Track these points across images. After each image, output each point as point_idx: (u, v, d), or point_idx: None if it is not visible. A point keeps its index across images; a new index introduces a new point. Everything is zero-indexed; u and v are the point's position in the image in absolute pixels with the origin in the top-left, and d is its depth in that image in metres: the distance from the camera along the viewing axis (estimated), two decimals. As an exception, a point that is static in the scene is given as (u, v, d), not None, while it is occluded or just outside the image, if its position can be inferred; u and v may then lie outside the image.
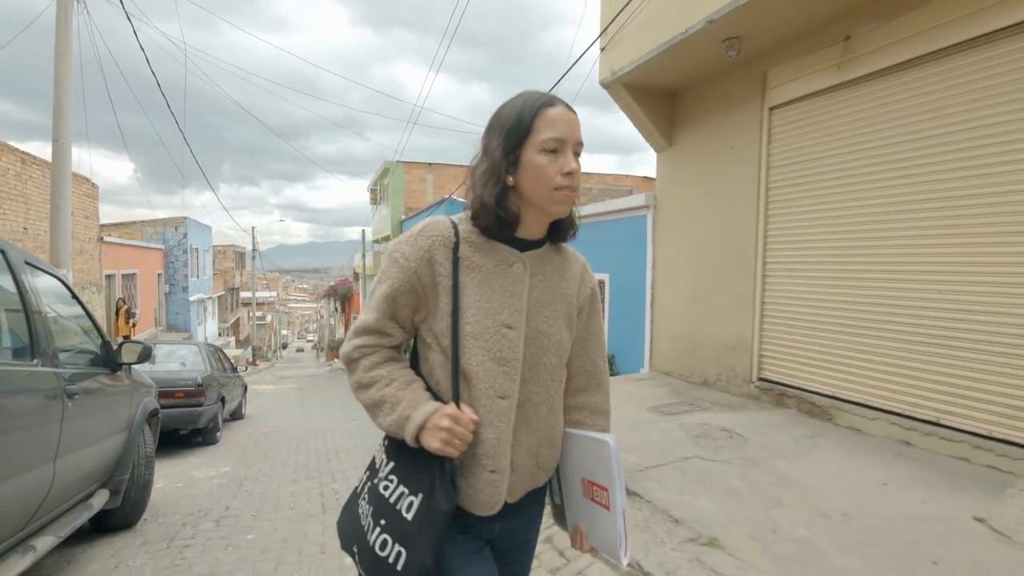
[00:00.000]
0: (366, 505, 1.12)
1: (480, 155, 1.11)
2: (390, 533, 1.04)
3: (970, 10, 3.17)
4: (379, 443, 1.18)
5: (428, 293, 1.09)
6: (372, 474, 1.16)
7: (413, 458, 1.07)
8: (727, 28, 4.18)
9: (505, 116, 1.08)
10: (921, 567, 2.20)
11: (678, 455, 3.53)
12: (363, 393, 1.12)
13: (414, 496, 1.04)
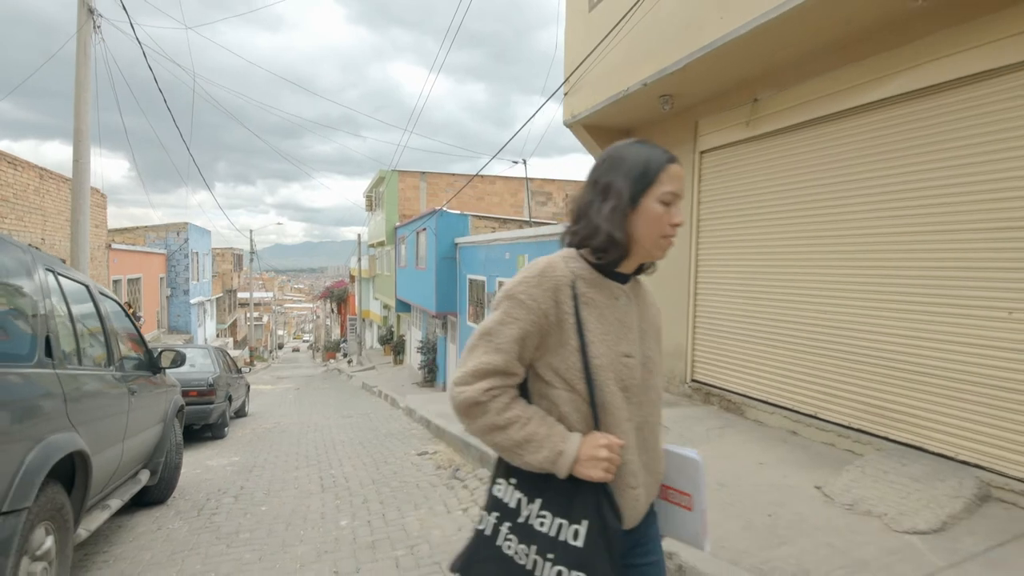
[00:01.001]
0: (518, 545, 1.13)
1: (597, 191, 1.21)
2: (564, 563, 1.08)
3: (835, 90, 4.03)
4: (497, 484, 1.22)
5: (552, 331, 1.15)
6: (506, 515, 1.17)
7: (564, 490, 1.13)
8: (659, 88, 5.02)
9: (632, 163, 1.19)
10: (758, 518, 3.04)
11: (610, 442, 4.37)
12: (499, 435, 1.12)
13: (578, 524, 1.10)
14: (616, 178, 1.19)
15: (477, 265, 12.46)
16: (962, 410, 3.36)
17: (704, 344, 5.51)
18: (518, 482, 1.18)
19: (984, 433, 3.25)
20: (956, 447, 3.38)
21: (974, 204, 3.29)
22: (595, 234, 1.20)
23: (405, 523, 3.87)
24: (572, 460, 1.10)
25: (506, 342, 1.14)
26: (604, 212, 1.19)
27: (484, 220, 14.41)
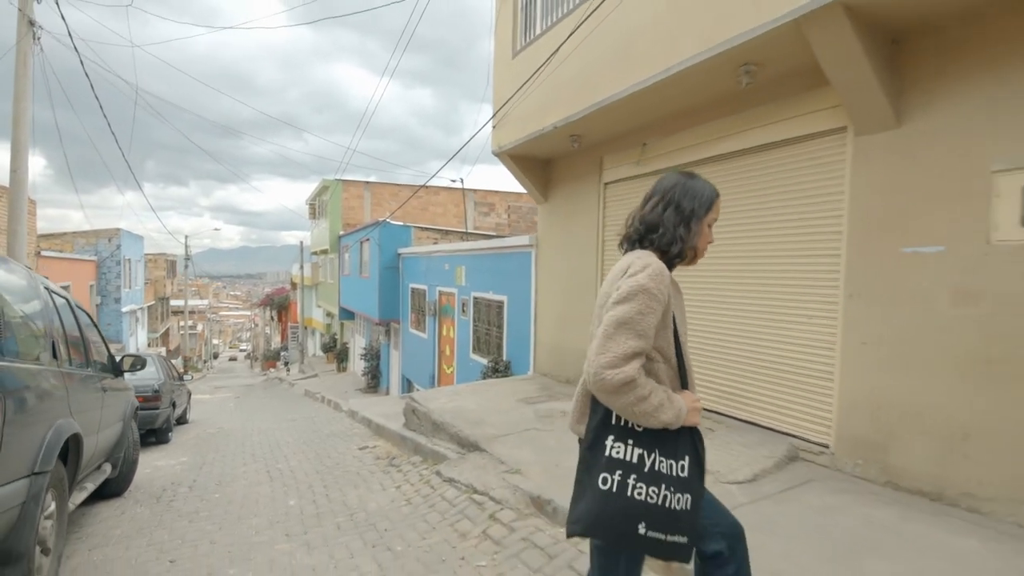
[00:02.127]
0: (649, 488, 1.46)
1: (673, 211, 1.61)
2: (674, 489, 1.47)
3: (697, 142, 5.06)
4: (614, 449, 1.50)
5: (663, 318, 1.51)
6: (630, 469, 1.47)
7: (669, 440, 1.50)
8: (567, 131, 5.95)
9: (699, 194, 1.63)
10: (625, 477, 3.94)
11: (523, 428, 5.21)
12: (643, 404, 1.41)
13: (683, 460, 1.51)
14: (690, 203, 1.62)
15: (419, 275, 13.12)
16: (781, 393, 4.40)
17: (608, 346, 6.46)
18: (635, 442, 1.49)
19: (795, 409, 4.29)
20: (777, 421, 4.42)
21: (788, 236, 4.35)
22: (674, 242, 1.61)
23: (346, 499, 4.55)
24: (685, 413, 1.50)
25: (647, 328, 1.44)
26: (681, 228, 1.61)
27: (427, 231, 15.08)
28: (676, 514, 1.47)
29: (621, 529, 1.46)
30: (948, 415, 3.32)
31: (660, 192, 1.68)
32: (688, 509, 1.49)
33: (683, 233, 1.62)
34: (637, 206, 1.75)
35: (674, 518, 1.47)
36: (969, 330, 3.21)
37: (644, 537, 1.46)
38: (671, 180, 1.69)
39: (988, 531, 2.99)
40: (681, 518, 1.48)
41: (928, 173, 3.41)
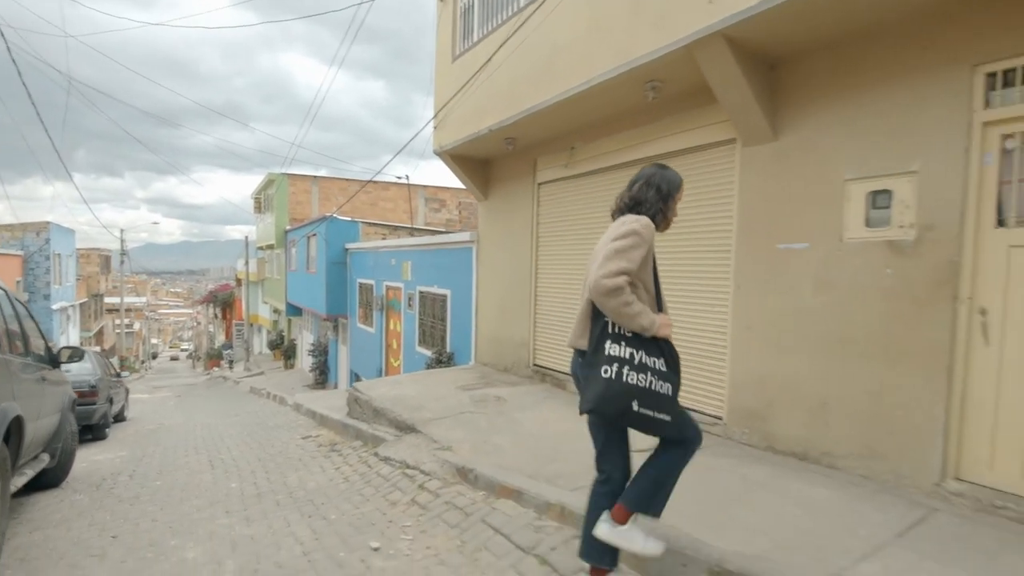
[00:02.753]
0: (639, 375, 1.99)
1: (655, 191, 2.23)
2: (657, 378, 2.04)
3: (617, 148, 5.55)
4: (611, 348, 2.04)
5: (646, 257, 2.10)
6: (624, 362, 2.00)
7: (651, 344, 2.07)
8: (501, 134, 6.34)
9: (672, 180, 2.27)
10: (545, 450, 4.36)
11: (458, 412, 5.58)
12: (627, 308, 1.97)
13: (661, 359, 2.09)
14: (667, 186, 2.28)
15: (366, 270, 13.26)
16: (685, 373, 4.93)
17: (542, 336, 6.91)
18: (626, 343, 2.05)
19: (695, 387, 4.83)
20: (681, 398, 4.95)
21: (690, 234, 4.88)
22: (656, 213, 2.26)
23: (286, 481, 4.80)
24: (658, 325, 2.08)
25: (635, 258, 2.06)
26: (660, 203, 2.27)
27: (374, 227, 15.20)
28: (660, 396, 2.05)
29: (621, 406, 2.00)
30: (812, 387, 3.90)
31: (644, 178, 2.31)
32: (669, 395, 2.08)
33: (661, 207, 2.27)
34: (624, 188, 2.38)
35: (659, 399, 2.04)
36: (827, 315, 3.80)
37: (638, 413, 2.01)
38: (651, 170, 2.32)
39: (839, 482, 3.57)
40: (664, 401, 2.06)
41: (797, 180, 3.98)
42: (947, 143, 3.23)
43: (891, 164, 3.47)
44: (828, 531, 2.91)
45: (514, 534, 2.93)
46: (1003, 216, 3.10)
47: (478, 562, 2.76)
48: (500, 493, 3.48)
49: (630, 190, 2.32)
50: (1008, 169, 3.08)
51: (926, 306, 3.32)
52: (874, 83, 3.55)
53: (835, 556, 2.65)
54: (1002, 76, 3.07)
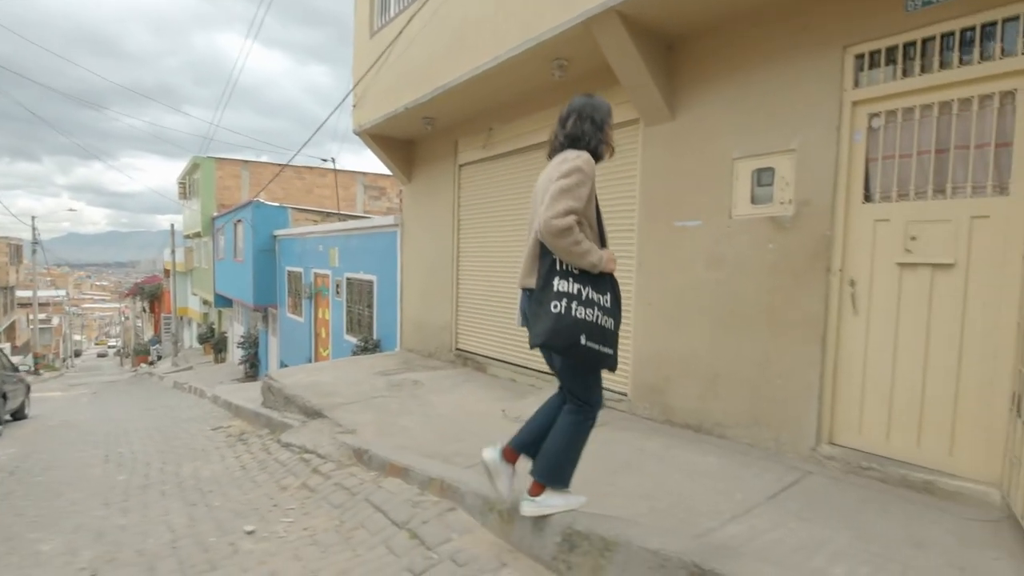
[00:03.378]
0: (586, 310, 2.02)
1: (589, 123, 2.17)
2: (602, 314, 2.07)
3: (531, 129, 5.53)
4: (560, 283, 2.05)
5: (591, 192, 2.10)
6: (572, 297, 2.02)
7: (597, 279, 2.09)
8: (419, 112, 6.21)
9: (602, 107, 2.23)
10: (451, 431, 4.31)
11: (371, 396, 5.45)
12: (577, 246, 1.98)
13: (607, 295, 2.11)
14: (599, 115, 2.23)
15: (295, 257, 12.81)
16: (595, 352, 5.00)
17: (464, 320, 6.85)
18: (574, 279, 2.07)
19: (604, 366, 4.90)
20: (592, 377, 5.02)
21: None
22: (599, 144, 2.22)
23: (179, 471, 4.56)
24: (605, 260, 2.11)
25: (582, 195, 2.05)
26: (598, 132, 2.22)
27: (305, 213, 14.68)
28: (605, 331, 2.10)
29: (569, 340, 2.02)
30: (705, 361, 4.02)
31: (576, 111, 2.24)
32: (612, 330, 2.13)
33: (601, 136, 2.23)
34: (556, 125, 2.30)
35: (604, 334, 2.09)
36: (717, 290, 3.91)
37: (585, 347, 2.04)
38: (580, 101, 2.26)
39: (726, 451, 3.69)
40: (608, 335, 2.11)
41: (692, 159, 4.07)
42: (821, 122, 3.37)
43: (773, 142, 3.59)
44: (705, 496, 2.99)
45: (393, 511, 2.86)
46: (870, 191, 3.26)
47: (351, 540, 2.68)
48: (390, 472, 3.40)
49: (564, 127, 2.26)
50: (875, 146, 3.24)
51: (803, 279, 3.46)
52: (757, 64, 3.65)
53: (705, 519, 2.72)
54: (868, 57, 3.21)
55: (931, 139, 3.02)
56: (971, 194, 2.89)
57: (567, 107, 2.30)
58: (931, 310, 3.03)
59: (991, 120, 2.83)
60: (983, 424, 2.88)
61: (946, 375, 2.99)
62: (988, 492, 2.78)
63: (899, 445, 3.18)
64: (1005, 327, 2.78)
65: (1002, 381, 2.80)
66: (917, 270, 3.06)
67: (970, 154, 2.90)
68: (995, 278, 2.81)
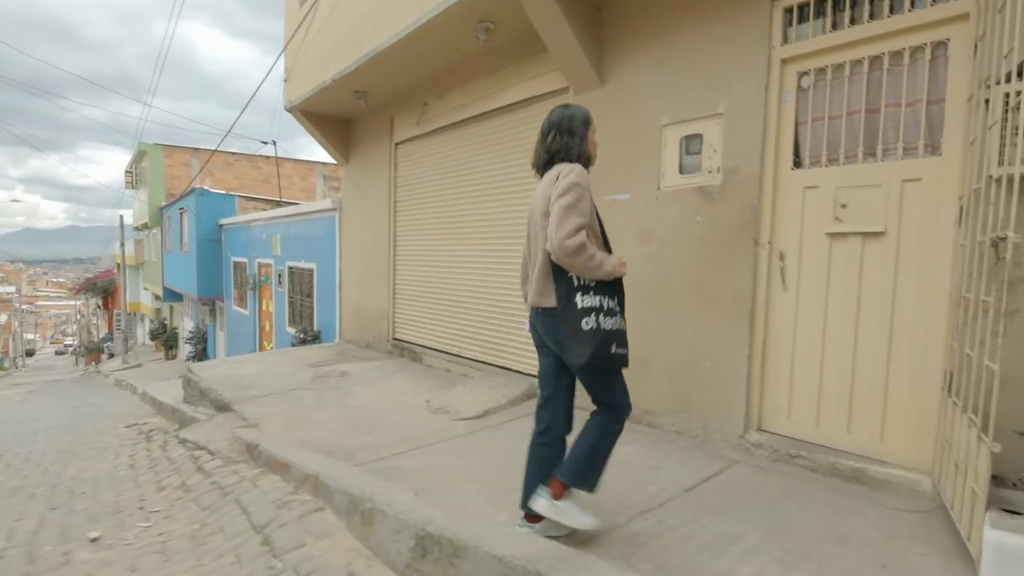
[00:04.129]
0: (608, 320, 2.04)
1: (569, 135, 2.13)
2: (618, 317, 2.09)
3: (466, 101, 5.19)
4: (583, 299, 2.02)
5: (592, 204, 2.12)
6: (598, 311, 2.02)
7: (606, 287, 2.08)
8: (348, 85, 5.80)
9: (578, 118, 2.17)
10: (365, 423, 3.96)
11: (291, 388, 5.05)
12: (592, 260, 1.98)
13: (615, 300, 2.11)
14: (578, 125, 2.18)
15: (240, 247, 12.22)
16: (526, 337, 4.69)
17: (401, 308, 6.47)
18: (593, 292, 2.05)
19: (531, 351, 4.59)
20: (524, 364, 4.72)
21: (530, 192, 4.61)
22: (579, 156, 2.17)
23: (63, 472, 4.09)
24: (617, 267, 2.10)
25: (585, 209, 2.03)
26: (579, 145, 2.17)
27: (253, 201, 14.05)
28: (624, 334, 2.14)
29: (606, 353, 2.04)
30: (636, 344, 3.71)
31: (555, 126, 2.19)
32: (625, 330, 2.17)
33: (581, 148, 2.18)
34: (538, 140, 2.25)
35: (623, 336, 2.13)
36: (647, 267, 3.63)
37: (614, 355, 2.07)
38: (558, 114, 2.21)
39: (652, 440, 3.42)
40: (625, 336, 2.15)
41: (621, 128, 3.78)
42: (749, 83, 3.10)
43: (701, 107, 3.31)
44: (618, 489, 2.71)
45: (257, 512, 2.50)
46: (799, 157, 3.02)
47: (203, 546, 2.31)
48: (274, 468, 3.03)
49: (545, 142, 2.22)
50: (804, 108, 2.99)
51: (731, 252, 3.20)
52: (687, 22, 3.37)
53: (610, 515, 2.43)
54: (797, 10, 2.96)
55: (861, 98, 2.78)
56: (902, 155, 2.66)
57: (546, 122, 2.25)
58: (862, 283, 2.79)
59: (923, 74, 2.60)
60: (914, 406, 2.66)
61: (877, 353, 2.76)
62: (919, 480, 2.56)
63: (829, 430, 2.94)
64: (937, 299, 2.56)
65: (934, 358, 2.58)
66: (847, 240, 2.82)
67: (901, 113, 2.67)
68: (927, 246, 2.59)
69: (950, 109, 2.51)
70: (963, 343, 2.18)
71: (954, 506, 2.16)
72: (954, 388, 2.28)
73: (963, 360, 2.17)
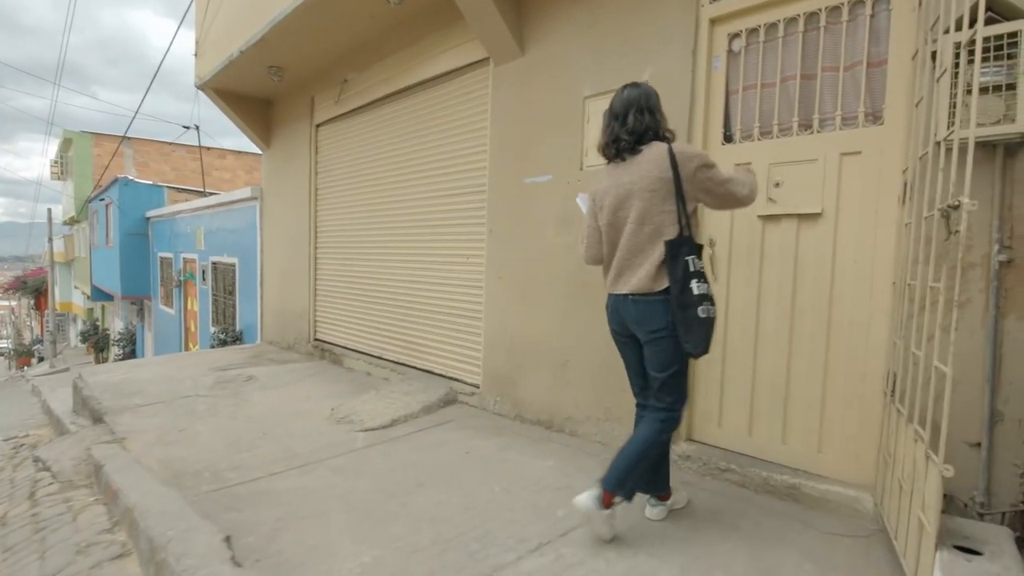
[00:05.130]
0: (711, 308, 1.96)
1: (658, 111, 2.05)
2: None
3: (386, 76, 4.70)
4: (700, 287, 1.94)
5: None
6: (707, 298, 1.95)
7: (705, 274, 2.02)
8: (259, 59, 5.22)
9: (652, 93, 2.08)
10: (250, 437, 3.43)
11: (182, 396, 4.45)
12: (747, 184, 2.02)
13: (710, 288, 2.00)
14: (656, 104, 2.07)
15: (166, 241, 11.36)
16: (445, 337, 4.25)
17: (322, 306, 5.93)
18: (703, 278, 1.96)
19: (456, 352, 4.16)
20: (443, 366, 4.27)
21: (449, 175, 4.17)
22: (666, 130, 2.09)
23: None
24: None
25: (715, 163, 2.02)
26: (662, 119, 2.08)
27: (185, 193, 13.12)
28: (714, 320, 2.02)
29: (710, 341, 2.00)
30: (556, 343, 3.34)
31: (632, 104, 2.05)
32: None
33: (662, 122, 2.07)
34: (610, 123, 2.09)
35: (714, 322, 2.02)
36: (570, 257, 3.23)
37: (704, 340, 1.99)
38: (631, 94, 2.06)
39: (572, 452, 3.02)
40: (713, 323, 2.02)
41: (542, 102, 3.37)
42: (676, 46, 2.74)
43: (625, 75, 2.92)
44: (518, 515, 2.30)
45: (54, 558, 1.98)
46: (730, 130, 2.66)
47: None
48: (107, 495, 2.49)
49: (624, 124, 2.04)
50: (735, 75, 2.64)
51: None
52: (610, -23, 2.99)
53: (501, 551, 2.01)
54: (728, -38, 2.61)
55: (796, 62, 2.44)
56: (841, 126, 2.33)
57: (619, 102, 2.09)
58: (797, 272, 2.46)
59: (863, 32, 2.27)
60: (854, 412, 2.33)
61: (813, 351, 2.42)
62: (859, 498, 2.22)
63: (762, 440, 2.60)
64: (879, 289, 2.23)
65: (876, 358, 2.26)
66: (781, 223, 2.48)
67: (840, 78, 2.34)
68: (868, 228, 2.26)
69: (893, 71, 2.18)
70: (908, 340, 1.84)
71: (898, 536, 1.81)
72: (897, 393, 1.95)
73: (908, 360, 1.83)
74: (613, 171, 2.10)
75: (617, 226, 2.08)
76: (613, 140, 2.08)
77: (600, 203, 2.13)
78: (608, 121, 2.11)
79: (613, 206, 2.07)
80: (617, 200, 2.05)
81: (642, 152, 2.01)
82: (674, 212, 1.96)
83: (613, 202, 2.07)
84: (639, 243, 2.02)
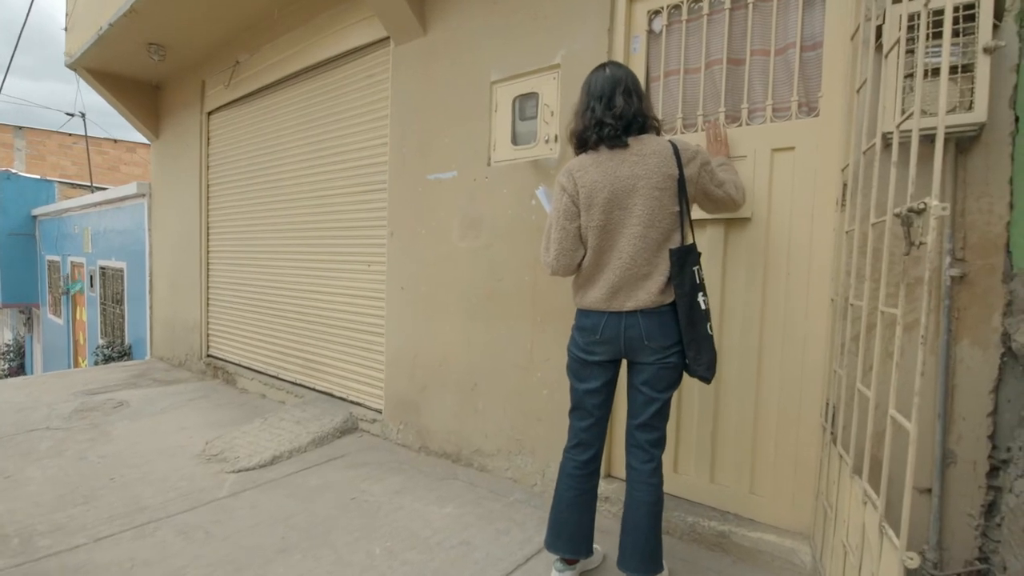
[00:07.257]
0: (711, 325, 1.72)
1: (636, 96, 1.71)
2: None
3: (277, 59, 4.13)
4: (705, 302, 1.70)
5: None
6: (709, 315, 1.71)
7: None
8: (131, 31, 4.52)
9: (635, 75, 1.80)
10: (100, 486, 2.80)
11: (26, 429, 3.71)
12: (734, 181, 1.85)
13: None
14: (641, 87, 1.77)
15: (53, 242, 10.13)
16: (347, 356, 3.74)
17: (215, 318, 5.25)
18: (705, 291, 1.71)
19: (359, 374, 3.65)
20: (346, 389, 3.75)
21: (348, 171, 3.67)
22: (656, 119, 1.79)
23: None
24: None
25: None
26: (650, 107, 1.78)
27: (80, 189, 11.80)
28: None
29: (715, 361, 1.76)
30: (463, 362, 2.91)
31: (619, 83, 1.72)
32: None
33: (651, 107, 1.79)
34: (595, 107, 1.72)
35: None
36: (475, 264, 2.82)
37: None
38: (617, 72, 1.74)
39: (478, 494, 2.60)
40: None
41: (446, 87, 2.94)
42: (591, 23, 2.38)
43: (536, 57, 2.55)
44: (397, 589, 1.84)
45: None
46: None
47: None
48: None
49: (611, 107, 1.70)
50: (656, 60, 2.30)
51: (572, 247, 2.45)
52: (518, -56, 2.59)
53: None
54: (647, -73, 2.27)
55: (723, 44, 2.12)
56: (771, 118, 2.02)
57: (601, 80, 1.74)
58: (725, 285, 2.14)
59: (795, 9, 1.97)
60: (789, 445, 2.02)
61: (743, 377, 2.11)
62: (795, 549, 1.91)
63: (689, 478, 2.26)
64: (816, 305, 1.94)
65: (812, 385, 1.96)
66: (707, 229, 2.15)
67: (771, 62, 2.03)
68: (803, 235, 1.96)
69: (829, 55, 1.89)
70: (852, 370, 1.53)
71: (842, 612, 1.49)
72: (839, 432, 1.64)
73: (852, 395, 1.52)
74: (602, 161, 1.70)
75: (610, 229, 1.69)
76: (595, 124, 1.70)
77: (589, 200, 1.69)
78: (587, 103, 1.75)
79: (607, 204, 1.67)
80: (613, 197, 1.67)
81: (642, 142, 1.68)
82: (678, 216, 1.66)
83: (608, 199, 1.67)
84: (646, 251, 1.67)
